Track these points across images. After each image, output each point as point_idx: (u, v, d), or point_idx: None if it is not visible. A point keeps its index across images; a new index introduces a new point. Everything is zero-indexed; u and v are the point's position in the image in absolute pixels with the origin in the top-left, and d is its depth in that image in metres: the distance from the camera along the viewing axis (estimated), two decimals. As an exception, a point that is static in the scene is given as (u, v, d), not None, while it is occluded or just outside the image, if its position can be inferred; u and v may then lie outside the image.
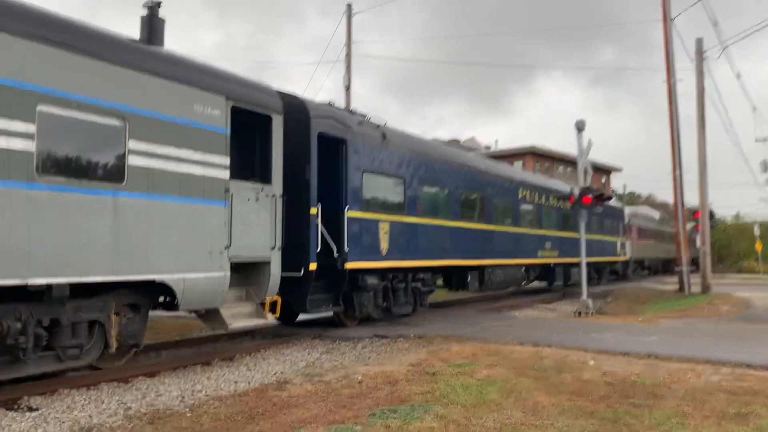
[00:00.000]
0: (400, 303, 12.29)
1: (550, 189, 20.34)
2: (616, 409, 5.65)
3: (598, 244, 23.95)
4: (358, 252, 10.79)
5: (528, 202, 18.22)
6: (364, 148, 11.23)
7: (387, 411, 5.65)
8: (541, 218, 19.11)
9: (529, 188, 18.32)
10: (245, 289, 8.74)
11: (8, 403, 6.19)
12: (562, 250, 20.23)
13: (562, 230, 20.50)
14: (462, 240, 14.25)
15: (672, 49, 20.40)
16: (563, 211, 20.74)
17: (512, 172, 18.82)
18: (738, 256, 47.29)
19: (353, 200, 10.84)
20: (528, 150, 48.10)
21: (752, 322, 13.32)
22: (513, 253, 16.91)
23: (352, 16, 23.24)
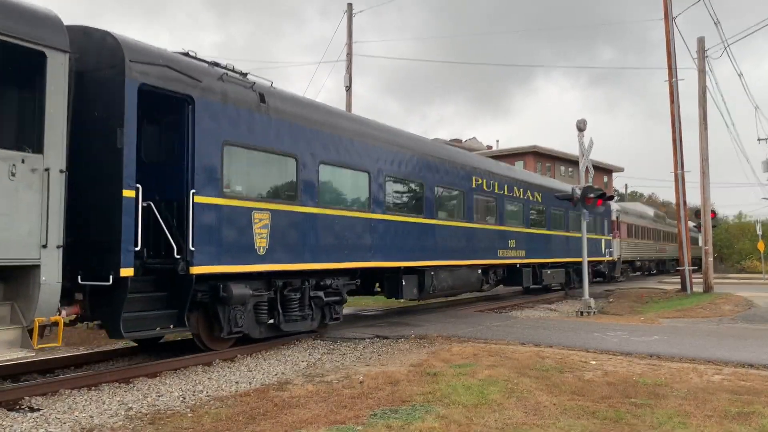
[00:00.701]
0: (293, 318, 9.63)
1: (516, 179, 17.54)
2: (618, 409, 5.63)
3: (578, 242, 21.61)
4: (214, 252, 8.05)
5: (485, 192, 15.44)
6: (228, 112, 8.40)
7: (388, 411, 5.65)
8: (503, 212, 16.32)
9: (486, 176, 15.53)
10: (10, 305, 6.15)
11: (10, 403, 6.19)
12: (530, 249, 17.66)
13: (531, 226, 18.04)
14: (390, 236, 11.69)
15: (674, 48, 20.36)
16: (533, 205, 18.30)
17: (465, 156, 15.59)
18: (740, 256, 47.20)
19: (206, 182, 7.99)
20: (529, 150, 48.08)
21: (754, 321, 13.29)
22: (465, 253, 14.29)
23: (353, 15, 23.23)
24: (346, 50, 22.99)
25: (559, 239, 20.07)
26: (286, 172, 9.52)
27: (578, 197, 15.86)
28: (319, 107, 10.78)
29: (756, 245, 34.88)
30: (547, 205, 19.20)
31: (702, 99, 20.82)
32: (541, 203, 18.90)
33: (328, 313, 10.59)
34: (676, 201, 21.43)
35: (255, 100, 8.95)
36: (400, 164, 12.25)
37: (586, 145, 16.73)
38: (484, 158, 17.85)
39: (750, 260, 44.77)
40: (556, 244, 19.84)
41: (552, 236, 19.49)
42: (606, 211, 24.37)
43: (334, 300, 10.59)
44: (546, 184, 20.20)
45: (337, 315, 10.83)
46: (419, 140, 13.86)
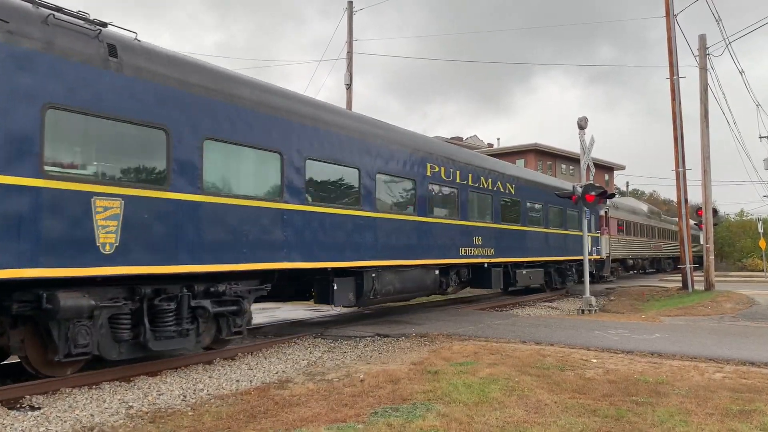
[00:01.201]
0: (165, 334, 7.64)
1: (483, 168, 15.35)
2: (619, 407, 5.63)
3: (559, 239, 19.94)
4: (27, 250, 6.08)
5: (444, 182, 13.44)
6: (56, 66, 6.47)
7: (389, 410, 5.64)
8: (467, 205, 14.29)
9: (444, 164, 13.50)
10: None
11: (10, 402, 6.20)
12: (501, 247, 15.69)
13: (502, 222, 15.94)
14: (312, 232, 9.64)
15: (675, 46, 20.31)
16: (504, 198, 16.15)
17: (417, 140, 13.18)
18: (741, 254, 47.16)
19: (15, 157, 6.06)
20: (530, 148, 48.07)
21: (756, 319, 13.27)
22: (417, 251, 12.30)
23: (354, 13, 23.20)
24: (347, 48, 22.97)
25: (536, 236, 18.05)
26: (150, 148, 7.41)
27: (579, 195, 15.85)
28: (206, 68, 8.44)
29: (757, 243, 34.80)
30: (523, 198, 17.23)
31: (703, 96, 20.77)
32: (515, 196, 16.76)
33: (225, 326, 8.64)
34: (677, 199, 21.39)
35: (101, 53, 6.90)
36: (327, 145, 10.09)
37: (587, 142, 16.71)
38: (444, 143, 15.38)
39: (751, 258, 44.69)
40: (534, 242, 17.80)
41: (528, 233, 17.47)
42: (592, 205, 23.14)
43: (230, 310, 8.51)
44: (522, 175, 18.16)
45: (238, 329, 8.78)
46: (356, 118, 11.58)
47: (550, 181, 20.83)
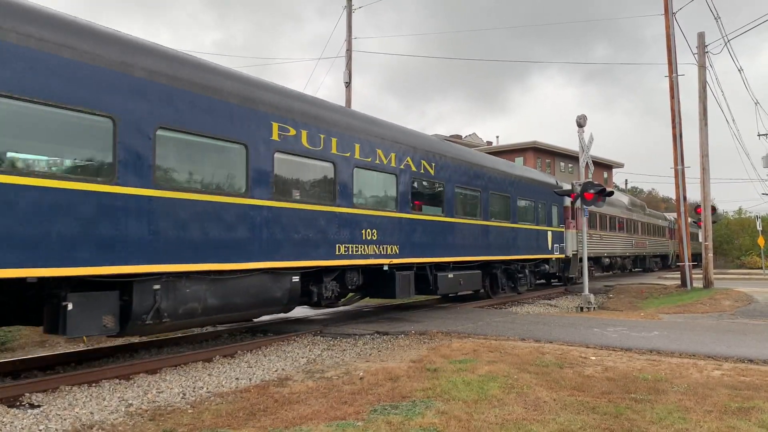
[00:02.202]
0: None
1: (378, 136, 11.55)
2: (618, 405, 5.64)
3: (506, 234, 16.17)
4: None
5: (306, 152, 9.68)
6: None
7: (388, 407, 5.65)
8: (348, 185, 10.52)
9: (307, 125, 9.72)
10: None
11: (10, 400, 6.20)
12: (410, 244, 12.09)
13: (412, 210, 12.26)
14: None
15: (674, 44, 20.32)
16: (417, 179, 12.60)
17: (246, 85, 8.93)
18: (740, 251, 47.21)
19: None
20: (529, 146, 48.09)
21: (754, 317, 13.29)
22: (251, 250, 8.61)
23: (353, 11, 23.17)
24: (346, 46, 22.94)
25: (469, 230, 14.32)
26: None
27: (577, 193, 15.85)
28: None
29: (756, 241, 34.85)
30: (448, 181, 13.58)
31: (702, 94, 20.79)
32: (436, 177, 13.15)
33: None
34: (676, 197, 21.42)
35: None
36: (49, 79, 6.33)
37: (586, 140, 16.71)
38: (302, 95, 10.28)
39: (750, 256, 44.74)
40: (465, 237, 14.16)
41: (456, 226, 13.79)
42: (552, 194, 19.22)
43: None
44: (446, 150, 13.96)
45: None
46: (117, 39, 7.25)
47: (492, 163, 16.38)
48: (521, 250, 17.16)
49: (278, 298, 9.36)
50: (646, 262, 35.37)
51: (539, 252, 18.37)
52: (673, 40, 20.27)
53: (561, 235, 20.17)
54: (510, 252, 16.46)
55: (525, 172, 18.63)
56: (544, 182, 19.34)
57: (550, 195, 19.23)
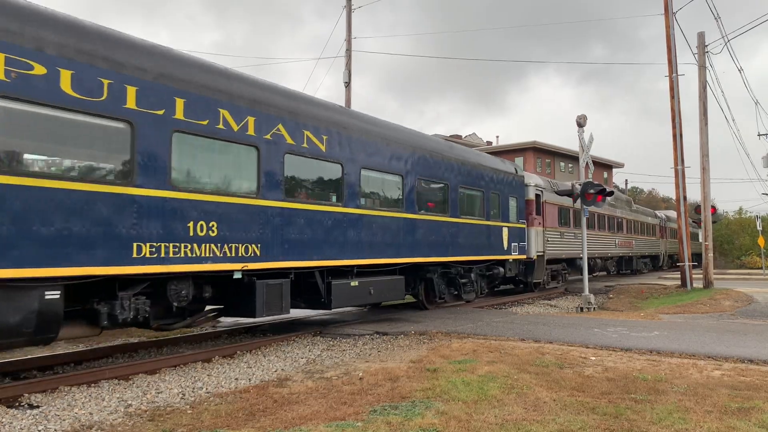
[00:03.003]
0: None
1: (213, 87, 8.26)
2: (618, 405, 5.63)
3: (442, 231, 13.23)
4: None
5: (58, 100, 6.41)
6: None
7: (388, 407, 5.64)
8: (157, 156, 7.43)
9: (91, 62, 6.74)
10: None
11: (9, 400, 6.20)
12: (279, 242, 9.09)
13: (288, 197, 9.29)
14: None
15: (674, 43, 20.31)
16: (289, 154, 9.36)
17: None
18: (740, 251, 47.20)
19: None
20: (529, 146, 48.10)
21: (754, 317, 13.29)
22: None
23: (352, 10, 23.16)
24: (345, 45, 22.93)
25: (385, 225, 11.34)
26: None
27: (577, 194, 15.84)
28: None
29: (756, 241, 34.83)
30: (351, 161, 10.58)
31: (702, 94, 20.78)
32: (329, 156, 10.06)
33: None
34: (676, 197, 21.41)
35: None
36: None
37: (586, 140, 16.69)
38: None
39: (750, 256, 44.74)
40: (379, 234, 11.17)
41: (363, 219, 10.76)
42: (510, 185, 16.47)
43: None
44: (352, 123, 10.90)
45: None
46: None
47: (421, 140, 13.09)
48: (464, 250, 14.11)
49: (13, 326, 6.04)
50: (633, 263, 31.80)
51: (491, 252, 15.35)
52: (673, 40, 20.27)
53: (522, 232, 17.20)
54: (448, 252, 13.46)
55: (469, 156, 15.02)
56: (498, 169, 15.99)
57: (508, 185, 16.42)
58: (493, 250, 15.60)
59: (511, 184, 16.68)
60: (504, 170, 16.48)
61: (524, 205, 17.62)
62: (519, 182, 17.32)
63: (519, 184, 17.30)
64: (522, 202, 17.42)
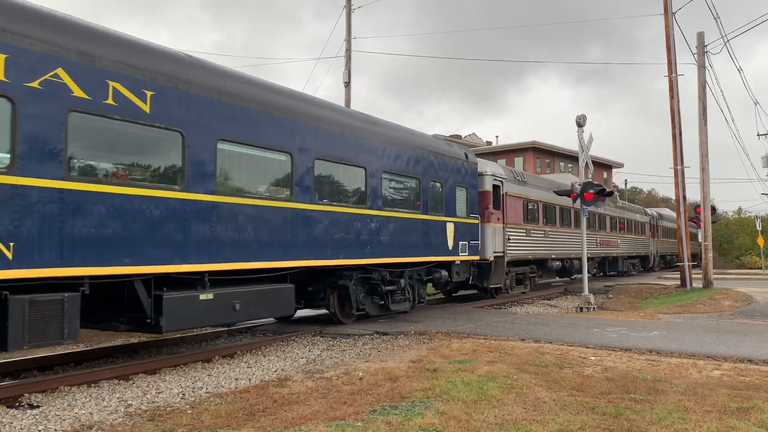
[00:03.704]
0: None
1: None
2: (618, 405, 5.64)
3: (354, 226, 10.63)
4: None
5: None
6: None
7: (388, 407, 5.65)
8: None
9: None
10: None
11: (9, 400, 6.20)
12: (58, 240, 6.23)
13: (63, 175, 6.31)
14: None
15: (673, 43, 20.33)
16: (55, 107, 6.30)
17: None
18: (739, 251, 47.23)
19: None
20: (529, 146, 48.11)
21: (754, 317, 13.30)
22: None
23: (352, 10, 23.17)
24: (345, 46, 22.94)
25: (254, 217, 8.64)
26: None
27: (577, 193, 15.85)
28: None
29: (755, 240, 34.84)
30: (200, 128, 7.87)
31: (702, 94, 20.79)
32: (157, 119, 7.35)
33: None
34: (675, 196, 21.43)
35: None
36: None
37: (585, 140, 16.70)
38: None
39: (750, 256, 44.76)
40: (243, 230, 8.45)
41: (211, 209, 7.98)
42: (459, 172, 14.01)
43: None
44: (201, 76, 8.07)
45: None
46: None
47: (319, 108, 10.30)
48: (391, 251, 11.39)
49: None
50: (618, 264, 28.89)
51: (429, 252, 12.68)
52: (673, 40, 20.29)
53: (474, 229, 14.56)
54: (366, 253, 10.77)
55: (399, 134, 12.19)
56: (441, 153, 13.42)
57: (455, 173, 13.84)
58: (433, 249, 12.88)
59: (460, 171, 14.03)
60: (450, 155, 13.78)
61: (477, 198, 15.08)
62: (470, 170, 14.62)
63: (470, 172, 14.59)
64: (474, 193, 14.81)
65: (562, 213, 21.44)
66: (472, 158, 15.13)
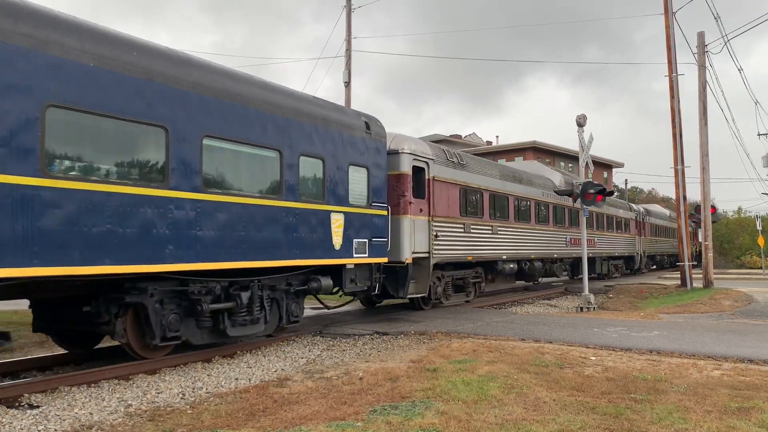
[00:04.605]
0: None
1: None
2: (618, 405, 5.63)
3: (168, 215, 7.44)
4: None
5: None
6: None
7: (388, 407, 5.65)
8: None
9: None
10: None
11: (9, 400, 6.20)
12: None
13: None
14: None
15: (673, 43, 20.31)
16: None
17: None
18: (740, 251, 47.23)
19: None
20: (529, 145, 48.10)
21: (754, 317, 13.29)
22: None
23: (352, 10, 23.17)
24: (345, 46, 22.94)
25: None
26: None
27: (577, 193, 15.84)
28: None
29: (756, 240, 34.82)
30: None
31: (702, 94, 20.78)
32: None
33: None
34: (675, 196, 21.43)
35: None
36: None
37: (585, 140, 16.69)
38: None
39: (750, 255, 44.76)
40: None
41: None
42: (355, 146, 10.79)
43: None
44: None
45: None
46: None
47: (68, 37, 6.57)
48: (217, 252, 8.08)
49: None
50: (596, 265, 25.15)
51: (298, 254, 9.41)
52: (673, 40, 20.28)
53: (380, 223, 11.27)
54: (162, 256, 7.33)
55: (237, 83, 8.73)
56: (319, 117, 9.97)
57: (349, 146, 10.56)
58: (307, 250, 9.51)
59: (356, 146, 10.72)
60: (339, 122, 10.40)
61: (386, 182, 11.63)
62: (375, 145, 11.26)
63: (375, 148, 11.26)
64: (381, 176, 11.44)
65: (518, 205, 17.66)
66: (378, 130, 11.53)
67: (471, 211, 15.14)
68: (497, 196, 16.59)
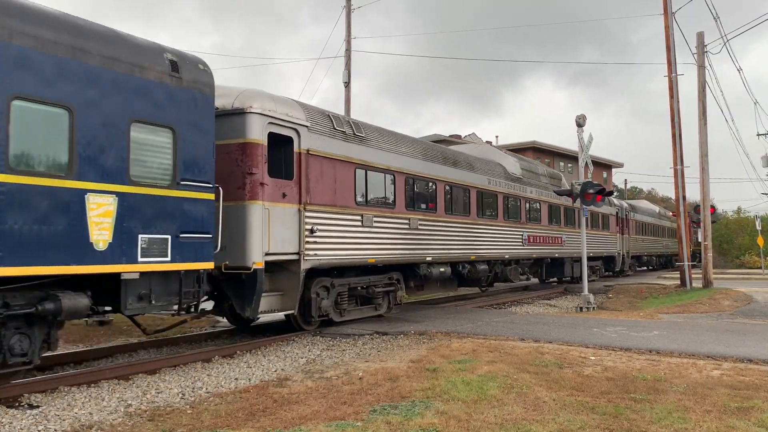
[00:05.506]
0: None
1: None
2: (617, 404, 5.64)
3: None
4: None
5: None
6: None
7: (388, 407, 5.65)
8: None
9: None
10: None
11: (9, 400, 6.20)
12: None
13: None
14: None
15: (673, 44, 20.33)
16: None
17: None
18: (739, 251, 47.25)
19: None
20: (529, 145, 48.12)
21: (753, 317, 13.30)
22: None
23: (352, 10, 23.16)
24: (345, 45, 22.93)
25: None
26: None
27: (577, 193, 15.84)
28: None
29: (755, 240, 34.84)
30: None
31: (701, 94, 20.79)
32: None
33: None
34: (675, 196, 21.43)
35: None
36: None
37: (585, 140, 16.70)
38: None
39: (749, 255, 44.78)
40: None
41: None
42: (144, 95, 7.13)
43: None
44: None
45: None
46: None
47: None
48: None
49: None
50: (564, 268, 21.59)
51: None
52: (673, 40, 20.29)
53: (199, 210, 7.81)
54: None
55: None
56: (62, 38, 6.38)
57: (138, 92, 7.09)
58: (28, 252, 6.02)
59: (150, 93, 7.27)
60: (112, 54, 6.91)
61: (212, 151, 8.09)
62: (190, 96, 7.74)
63: (191, 99, 7.76)
64: (202, 142, 7.91)
65: (451, 194, 14.23)
66: (197, 76, 7.94)
67: (375, 199, 11.67)
68: (418, 181, 12.96)
